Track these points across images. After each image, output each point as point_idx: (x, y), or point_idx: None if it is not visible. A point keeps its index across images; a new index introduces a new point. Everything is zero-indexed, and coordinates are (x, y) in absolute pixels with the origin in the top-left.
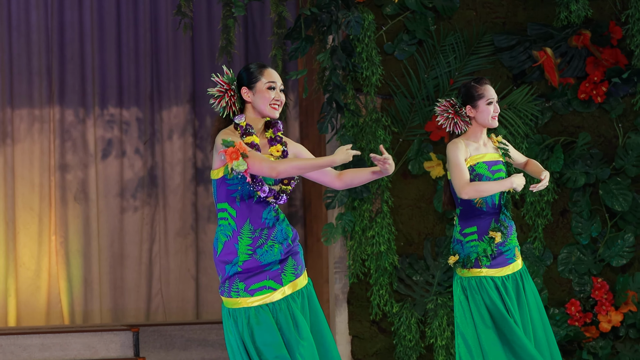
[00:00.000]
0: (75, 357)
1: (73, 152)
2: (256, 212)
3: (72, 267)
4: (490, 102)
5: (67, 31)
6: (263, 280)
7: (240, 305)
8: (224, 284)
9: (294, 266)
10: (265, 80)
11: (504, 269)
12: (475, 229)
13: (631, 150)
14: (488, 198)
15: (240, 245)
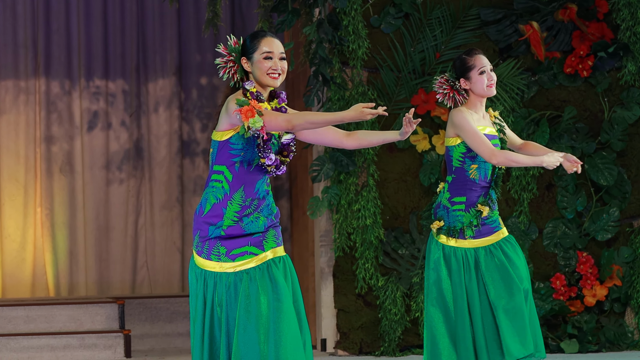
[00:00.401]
0: (60, 329)
1: (59, 124)
2: (251, 181)
3: (57, 239)
4: (482, 72)
5: (52, 3)
6: (245, 245)
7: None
8: (203, 244)
9: (275, 236)
10: (262, 50)
11: (490, 237)
12: (464, 199)
13: (617, 124)
14: (482, 171)
15: (227, 210)
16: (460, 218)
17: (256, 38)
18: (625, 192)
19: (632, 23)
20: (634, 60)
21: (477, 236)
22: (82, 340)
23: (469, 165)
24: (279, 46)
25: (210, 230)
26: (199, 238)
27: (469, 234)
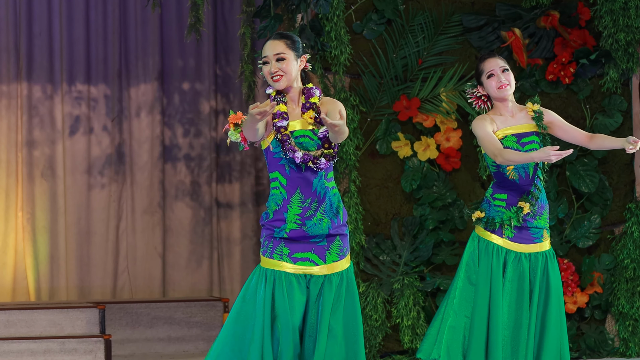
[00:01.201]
0: (41, 333)
1: (40, 129)
2: (306, 181)
3: (38, 243)
4: (490, 75)
5: (35, 6)
6: (308, 251)
7: (281, 268)
8: (268, 242)
9: (340, 247)
10: (262, 57)
11: (526, 245)
12: (505, 196)
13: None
14: (521, 170)
15: (289, 214)
16: (500, 214)
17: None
18: (607, 199)
19: (614, 30)
20: (615, 67)
21: (515, 239)
22: (62, 345)
23: (504, 168)
24: (275, 48)
25: (276, 232)
26: (264, 238)
27: (507, 234)
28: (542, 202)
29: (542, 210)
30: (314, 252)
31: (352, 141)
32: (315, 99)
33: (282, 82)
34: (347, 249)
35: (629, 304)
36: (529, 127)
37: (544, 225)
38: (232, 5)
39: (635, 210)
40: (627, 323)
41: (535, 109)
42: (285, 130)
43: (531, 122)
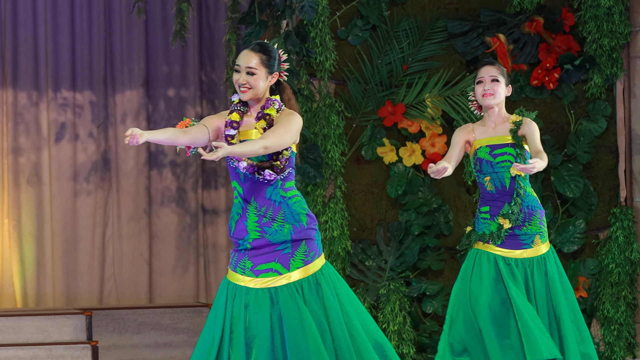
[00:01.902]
0: (27, 340)
1: (26, 135)
2: (259, 189)
3: (24, 250)
4: (479, 82)
5: (20, 13)
6: (272, 261)
7: (242, 283)
8: (234, 256)
9: (305, 252)
10: (236, 63)
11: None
12: (488, 209)
13: (583, 136)
14: (497, 182)
15: (248, 223)
16: (488, 226)
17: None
18: (591, 204)
19: (598, 36)
20: (599, 72)
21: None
22: (49, 352)
23: (483, 178)
24: (248, 60)
25: (240, 243)
26: (232, 251)
27: (495, 242)
28: (531, 208)
29: (532, 217)
30: (277, 261)
31: (338, 147)
32: (270, 110)
33: (248, 94)
34: (316, 252)
35: (614, 308)
36: (505, 139)
37: (535, 231)
38: (217, 11)
39: (619, 215)
40: (612, 327)
41: (515, 120)
42: (232, 140)
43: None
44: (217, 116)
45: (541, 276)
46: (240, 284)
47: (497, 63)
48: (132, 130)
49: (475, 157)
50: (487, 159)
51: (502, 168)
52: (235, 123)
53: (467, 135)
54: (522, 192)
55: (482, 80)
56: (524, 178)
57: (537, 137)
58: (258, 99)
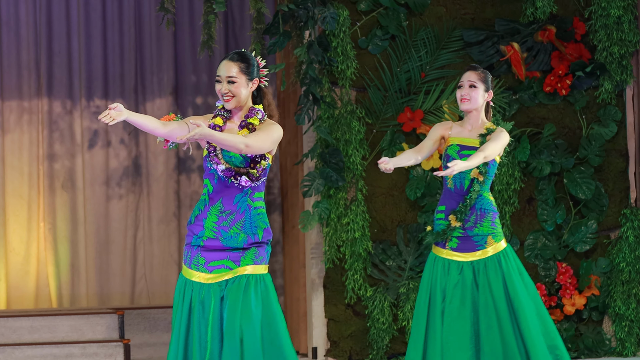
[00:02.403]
0: (63, 339)
1: (61, 142)
2: (230, 193)
3: (59, 252)
4: (459, 86)
5: (54, 26)
6: (224, 259)
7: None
8: (187, 252)
9: (255, 254)
10: (216, 74)
11: (468, 254)
12: (444, 207)
13: (594, 140)
14: (457, 180)
15: (207, 221)
16: (441, 225)
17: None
18: (603, 205)
19: (608, 44)
20: (610, 79)
21: (458, 249)
22: (83, 350)
23: (446, 176)
24: (228, 70)
25: (194, 240)
26: (185, 246)
27: (450, 245)
28: (483, 211)
29: (484, 218)
30: (229, 259)
31: (359, 151)
32: (253, 120)
33: (232, 102)
34: (264, 259)
35: (625, 305)
36: (475, 143)
37: (486, 232)
38: (243, 23)
39: (630, 216)
40: (623, 324)
41: (489, 127)
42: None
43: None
44: (202, 118)
45: (497, 274)
46: (195, 279)
47: (480, 69)
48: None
49: (445, 152)
50: (454, 157)
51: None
52: (218, 127)
53: (444, 131)
54: (475, 194)
55: (462, 85)
56: (481, 182)
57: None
58: (241, 107)
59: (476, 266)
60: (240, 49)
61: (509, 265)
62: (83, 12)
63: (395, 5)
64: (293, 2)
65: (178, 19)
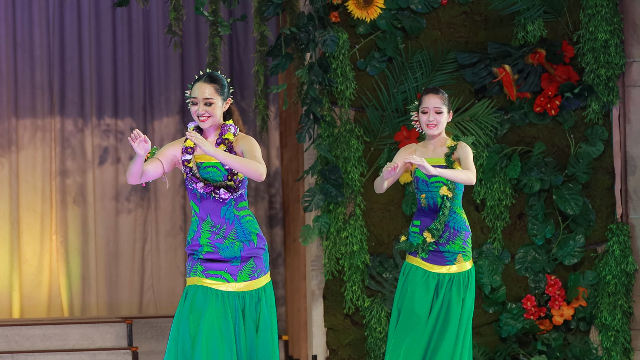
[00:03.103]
0: (74, 346)
1: (72, 159)
2: (215, 208)
3: (71, 264)
4: (424, 112)
5: (67, 47)
6: (221, 270)
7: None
8: (189, 264)
9: (252, 268)
10: (191, 95)
11: (437, 266)
12: (419, 222)
13: (582, 158)
14: (430, 200)
15: (202, 238)
16: (417, 239)
17: (193, 83)
18: (590, 220)
19: (595, 66)
20: (597, 100)
21: (428, 260)
22: (93, 357)
23: (419, 195)
24: (204, 92)
25: (195, 254)
26: (188, 261)
27: (421, 255)
28: (457, 229)
29: (456, 237)
30: (226, 271)
31: (357, 168)
32: (228, 135)
33: (208, 122)
34: (262, 270)
35: (611, 316)
36: (440, 161)
37: (458, 250)
38: (247, 45)
39: (616, 231)
40: (610, 334)
41: (451, 145)
42: (189, 164)
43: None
44: (174, 144)
45: (459, 292)
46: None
47: (441, 92)
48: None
49: (414, 175)
50: (423, 178)
51: (435, 187)
52: (190, 149)
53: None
54: (447, 211)
55: (427, 111)
56: (451, 199)
57: (469, 158)
58: (215, 125)
59: (441, 279)
60: (244, 70)
61: (469, 288)
62: (94, 34)
63: (392, 29)
64: (295, 25)
65: (185, 41)
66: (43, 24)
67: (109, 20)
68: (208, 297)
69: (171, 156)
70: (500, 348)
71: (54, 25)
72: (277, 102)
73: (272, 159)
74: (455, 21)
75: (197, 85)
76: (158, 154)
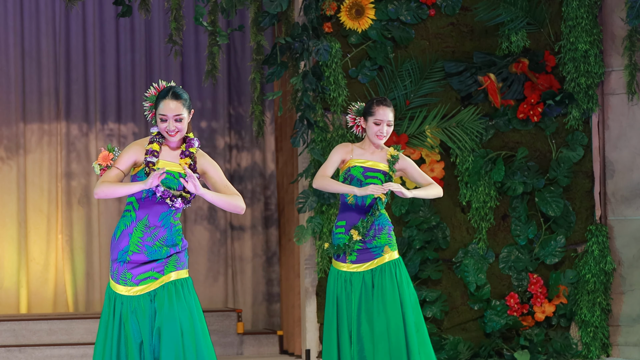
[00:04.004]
0: (78, 340)
1: (77, 162)
2: (155, 211)
3: (76, 262)
4: (377, 123)
5: (72, 56)
6: (148, 271)
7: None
8: (114, 268)
9: (177, 261)
10: (159, 112)
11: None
12: (344, 222)
13: (563, 163)
14: (359, 198)
15: (132, 236)
16: (342, 240)
17: (158, 99)
18: (570, 222)
19: (576, 75)
20: (577, 107)
21: (357, 261)
22: None
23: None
24: (174, 109)
25: (119, 255)
26: (112, 262)
27: (350, 258)
28: (381, 225)
29: (381, 232)
30: (153, 269)
31: None
32: (193, 149)
33: (178, 136)
34: (184, 264)
35: (590, 313)
36: (379, 166)
37: (384, 242)
38: (244, 54)
39: (595, 232)
40: (589, 330)
41: (393, 154)
42: (154, 166)
43: (383, 163)
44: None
45: (392, 279)
46: (124, 293)
47: (391, 105)
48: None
49: (348, 172)
50: (359, 177)
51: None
52: (156, 152)
53: (346, 155)
54: (377, 212)
55: (380, 123)
56: (382, 202)
57: (419, 170)
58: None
59: (374, 271)
60: (241, 77)
61: (402, 273)
62: (98, 43)
63: (383, 39)
64: (290, 35)
65: (185, 50)
66: (50, 34)
67: (113, 30)
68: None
69: (130, 162)
70: (484, 343)
71: (60, 34)
72: (272, 108)
73: (267, 163)
74: (443, 32)
75: (164, 102)
76: (119, 164)
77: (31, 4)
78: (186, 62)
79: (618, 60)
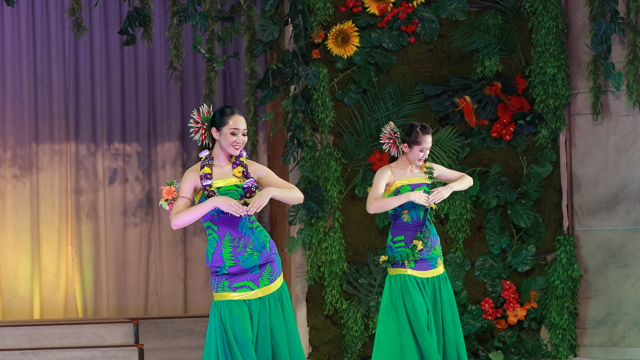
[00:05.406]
0: (87, 344)
1: (86, 179)
2: (232, 224)
3: (84, 271)
4: (422, 150)
5: (81, 81)
6: (244, 280)
7: (224, 298)
8: (214, 281)
9: (270, 272)
10: (231, 126)
11: (425, 272)
12: (402, 237)
13: (533, 178)
14: (413, 214)
15: (224, 253)
16: (402, 252)
17: (225, 114)
18: (540, 232)
19: (545, 97)
20: (546, 126)
21: (415, 268)
22: (104, 353)
23: (401, 212)
24: (244, 124)
25: (218, 270)
26: (212, 277)
27: (409, 265)
28: (433, 238)
29: (434, 244)
30: (249, 280)
31: (336, 187)
32: (244, 159)
33: (239, 150)
34: (278, 272)
35: (559, 316)
36: (421, 180)
37: (437, 254)
38: (239, 78)
39: (563, 241)
40: (558, 332)
41: (427, 166)
42: (211, 187)
43: (423, 176)
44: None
45: (447, 289)
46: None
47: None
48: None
49: (397, 193)
50: None
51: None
52: (209, 175)
53: (389, 178)
54: (431, 222)
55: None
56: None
57: (447, 169)
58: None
59: (436, 281)
60: (236, 100)
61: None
62: (105, 69)
63: (367, 65)
64: (281, 61)
65: (184, 75)
66: (60, 61)
67: (118, 58)
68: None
69: (192, 190)
70: None
71: (70, 61)
72: (265, 128)
73: None
74: (422, 57)
75: (235, 117)
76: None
77: (43, 33)
78: (185, 87)
79: (584, 83)
